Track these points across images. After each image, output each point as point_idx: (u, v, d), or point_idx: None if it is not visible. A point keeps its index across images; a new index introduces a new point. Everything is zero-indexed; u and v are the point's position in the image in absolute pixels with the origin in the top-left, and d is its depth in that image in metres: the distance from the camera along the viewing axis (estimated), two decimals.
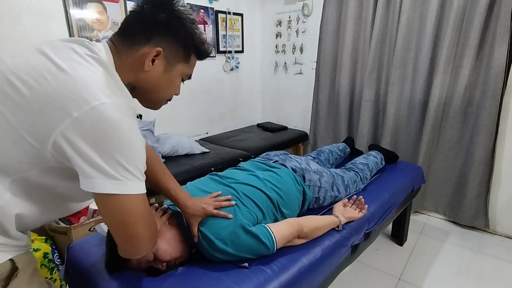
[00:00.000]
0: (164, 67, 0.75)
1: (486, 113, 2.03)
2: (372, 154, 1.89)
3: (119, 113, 0.61)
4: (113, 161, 0.60)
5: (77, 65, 0.62)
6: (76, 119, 0.58)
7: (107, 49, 0.71)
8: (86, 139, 0.59)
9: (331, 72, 2.77)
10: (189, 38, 0.76)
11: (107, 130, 0.59)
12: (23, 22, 1.82)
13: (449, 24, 2.05)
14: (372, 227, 1.41)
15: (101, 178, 0.60)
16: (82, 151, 0.59)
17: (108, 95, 0.61)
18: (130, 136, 0.63)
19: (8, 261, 0.67)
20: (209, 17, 2.83)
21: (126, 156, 0.62)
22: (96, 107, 0.59)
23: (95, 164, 0.60)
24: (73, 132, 0.58)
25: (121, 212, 0.64)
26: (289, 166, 1.41)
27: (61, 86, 0.59)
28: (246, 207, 1.11)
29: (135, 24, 0.72)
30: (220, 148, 2.60)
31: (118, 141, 0.61)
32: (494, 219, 2.19)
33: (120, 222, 0.65)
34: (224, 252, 0.99)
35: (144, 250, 0.71)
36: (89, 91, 0.60)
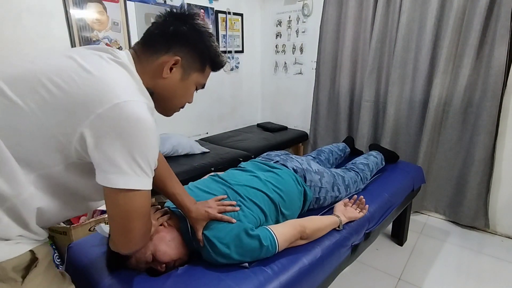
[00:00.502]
0: (181, 75, 0.81)
1: (486, 113, 2.03)
2: (373, 154, 1.89)
3: (139, 111, 0.66)
4: (128, 157, 0.64)
5: (102, 68, 0.68)
6: (100, 115, 0.62)
7: (129, 55, 0.77)
8: (106, 134, 0.63)
9: (331, 72, 2.77)
10: (206, 50, 0.82)
11: (126, 127, 0.64)
12: (23, 22, 1.82)
13: (449, 24, 2.05)
14: (372, 227, 1.41)
15: (114, 173, 0.64)
16: (101, 146, 0.63)
17: (129, 94, 0.66)
18: (148, 134, 0.67)
19: (28, 252, 0.71)
20: (209, 17, 2.83)
21: (141, 152, 0.66)
22: (118, 104, 0.63)
23: (111, 159, 0.64)
24: (96, 127, 0.63)
25: (126, 205, 0.67)
26: (290, 167, 1.41)
27: (87, 86, 0.64)
28: (249, 209, 1.11)
29: (157, 34, 0.78)
30: (220, 148, 2.60)
31: (135, 138, 0.65)
32: (494, 219, 2.19)
33: (123, 215, 0.69)
34: (227, 257, 0.99)
35: (136, 245, 0.75)
36: (112, 90, 0.65)
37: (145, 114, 0.67)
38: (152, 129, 0.68)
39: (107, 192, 0.67)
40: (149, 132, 0.67)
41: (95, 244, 1.15)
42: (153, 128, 0.68)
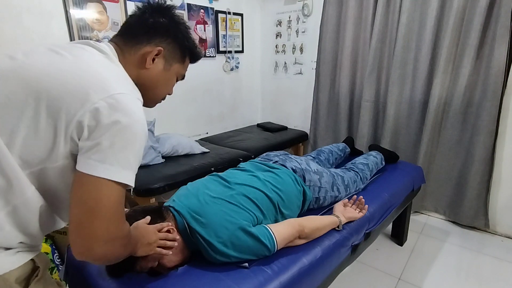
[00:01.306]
0: (163, 66, 0.83)
1: (486, 113, 2.03)
2: (372, 154, 1.89)
3: (134, 105, 0.67)
4: (118, 149, 0.64)
5: (91, 60, 0.70)
6: (96, 104, 0.63)
7: (111, 47, 0.77)
8: (101, 124, 0.62)
9: (331, 72, 2.77)
10: (185, 42, 0.85)
11: (121, 119, 0.64)
12: (23, 22, 1.82)
13: (449, 24, 2.05)
14: (372, 227, 1.41)
15: (98, 161, 0.62)
16: (94, 134, 0.63)
17: (123, 87, 0.68)
18: (140, 129, 0.67)
19: (29, 261, 0.69)
20: (209, 17, 2.83)
21: (132, 146, 0.66)
22: (114, 96, 0.64)
23: (100, 148, 0.62)
24: (92, 116, 0.62)
25: (98, 197, 0.63)
26: (289, 167, 1.41)
27: (81, 76, 0.65)
28: (247, 208, 1.11)
29: (137, 26, 0.80)
30: (220, 148, 2.60)
31: (128, 131, 0.65)
32: (494, 219, 2.19)
33: (90, 207, 0.62)
34: (226, 255, 0.99)
35: (93, 251, 0.64)
36: (107, 81, 0.66)
37: (138, 108, 0.68)
38: (144, 125, 0.69)
39: (80, 179, 0.63)
40: (141, 128, 0.67)
41: None
42: (145, 124, 0.69)
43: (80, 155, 0.64)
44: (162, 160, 2.21)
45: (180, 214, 1.05)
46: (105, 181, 0.62)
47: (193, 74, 2.81)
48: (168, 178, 1.97)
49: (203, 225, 1.02)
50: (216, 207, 1.07)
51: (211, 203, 1.09)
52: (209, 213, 1.04)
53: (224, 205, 1.08)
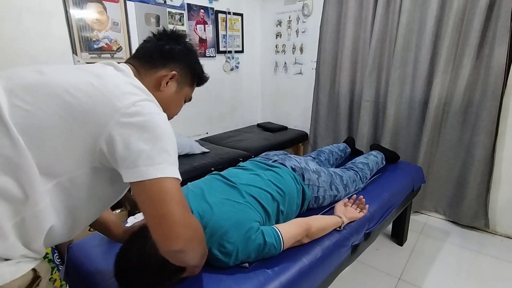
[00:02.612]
0: (175, 89, 0.89)
1: (486, 113, 2.03)
2: (373, 154, 1.89)
3: (155, 106, 0.74)
4: (158, 149, 0.67)
5: (112, 74, 0.76)
6: (124, 114, 0.66)
7: (128, 68, 0.82)
8: (134, 131, 0.66)
9: (331, 72, 2.77)
10: (197, 67, 0.93)
11: (151, 121, 0.69)
12: (23, 22, 1.82)
13: (449, 24, 2.05)
14: (372, 227, 1.41)
15: (148, 165, 0.66)
16: (130, 142, 0.66)
17: (143, 93, 0.74)
18: (168, 126, 0.72)
19: (31, 270, 0.69)
20: (209, 17, 2.83)
21: (168, 143, 0.70)
22: (138, 102, 0.69)
23: (142, 152, 0.66)
24: (123, 125, 0.66)
25: (163, 194, 0.67)
26: (289, 166, 1.41)
27: (105, 88, 0.69)
28: (254, 209, 1.11)
29: (153, 51, 0.86)
30: (220, 148, 2.60)
31: (160, 130, 0.69)
32: (494, 219, 2.19)
33: (161, 206, 0.66)
34: (235, 255, 0.99)
35: (180, 238, 0.67)
36: (127, 89, 0.72)
37: (160, 109, 0.75)
38: (168, 122, 0.74)
39: (140, 188, 0.66)
40: (168, 125, 0.73)
41: (95, 244, 1.15)
42: (168, 122, 0.74)
43: (124, 168, 0.66)
44: None
45: None
46: (160, 180, 0.66)
47: None
48: None
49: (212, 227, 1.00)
50: (224, 208, 1.07)
51: (220, 205, 1.08)
52: (219, 215, 1.04)
53: (233, 206, 1.08)
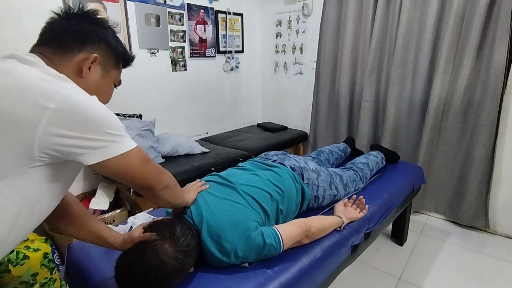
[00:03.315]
0: (100, 73, 0.79)
1: (486, 113, 2.03)
2: (373, 154, 1.89)
3: (82, 93, 0.67)
4: (104, 133, 0.67)
5: (20, 69, 0.65)
6: (55, 110, 0.60)
7: (37, 58, 0.71)
8: (73, 126, 0.63)
9: (331, 72, 2.77)
10: (118, 46, 0.83)
11: (85, 111, 0.64)
12: (23, 22, 1.82)
13: (449, 24, 2.05)
14: (372, 227, 1.41)
15: (103, 147, 0.67)
16: (75, 136, 0.63)
17: (62, 81, 0.66)
18: (101, 108, 0.68)
19: None
20: (209, 17, 2.83)
21: (109, 125, 0.68)
22: (66, 94, 0.63)
23: (93, 140, 0.65)
24: (58, 126, 0.61)
25: (133, 163, 0.74)
26: (288, 165, 1.41)
27: (24, 87, 0.61)
28: (253, 209, 1.11)
29: (62, 33, 0.74)
30: (220, 148, 2.60)
31: (97, 117, 0.66)
32: (494, 219, 2.19)
33: (136, 172, 0.75)
34: (234, 255, 0.99)
35: (160, 179, 0.84)
36: (49, 83, 0.63)
37: (87, 94, 0.68)
38: (100, 103, 0.69)
39: (108, 165, 0.69)
40: (101, 106, 0.69)
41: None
42: (100, 102, 0.70)
43: (81, 154, 0.66)
44: (162, 160, 2.21)
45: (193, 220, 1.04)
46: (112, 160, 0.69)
47: (193, 74, 2.82)
48: None
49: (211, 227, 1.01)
50: (223, 207, 1.07)
51: (218, 204, 1.08)
52: (217, 214, 1.04)
53: (231, 205, 1.08)
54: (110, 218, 1.93)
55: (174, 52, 2.62)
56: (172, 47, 2.60)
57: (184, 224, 0.99)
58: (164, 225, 0.96)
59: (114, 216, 1.95)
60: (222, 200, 1.11)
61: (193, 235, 0.97)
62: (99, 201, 2.02)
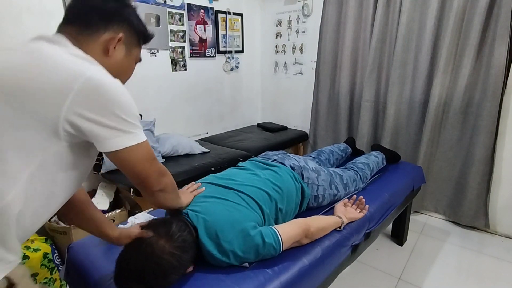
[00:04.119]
0: (124, 52, 0.81)
1: (486, 113, 2.03)
2: (373, 154, 1.89)
3: (107, 76, 0.68)
4: (120, 119, 0.68)
5: (48, 50, 0.67)
6: (78, 91, 0.63)
7: (64, 38, 0.72)
8: (93, 108, 0.65)
9: (331, 72, 2.77)
10: (140, 25, 0.84)
11: (107, 94, 0.66)
12: (23, 22, 1.82)
13: (449, 24, 2.05)
14: (372, 227, 1.41)
15: (116, 136, 0.68)
16: (94, 120, 0.65)
17: (88, 63, 0.68)
18: (124, 92, 0.70)
19: (3, 279, 0.69)
20: (209, 17, 2.83)
21: (127, 112, 0.70)
22: (90, 76, 0.64)
23: (108, 126, 0.67)
24: (80, 106, 0.64)
25: (138, 158, 0.74)
26: (288, 164, 1.41)
27: (51, 67, 0.64)
28: (251, 208, 1.11)
29: (88, 12, 0.75)
30: (220, 148, 2.60)
31: (118, 101, 0.68)
32: (494, 219, 2.19)
33: (138, 167, 0.76)
34: (233, 255, 0.98)
35: (156, 183, 0.83)
36: (76, 65, 0.66)
37: (111, 77, 0.69)
38: (123, 87, 0.71)
39: (116, 155, 0.71)
40: (124, 91, 0.70)
41: (95, 244, 1.15)
42: (123, 87, 0.71)
43: (96, 139, 0.68)
44: (162, 160, 2.21)
45: (190, 219, 1.03)
46: (121, 151, 0.70)
47: (193, 74, 2.82)
48: None
49: (209, 227, 1.01)
50: (221, 207, 1.07)
51: (216, 204, 1.08)
52: (215, 214, 1.04)
53: (229, 205, 1.08)
54: (110, 218, 1.93)
55: (174, 52, 2.62)
56: (172, 47, 2.60)
57: (180, 221, 0.99)
58: (160, 222, 0.98)
59: (114, 216, 1.95)
60: (220, 200, 1.11)
61: (189, 232, 0.98)
62: (99, 201, 2.02)
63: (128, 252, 0.89)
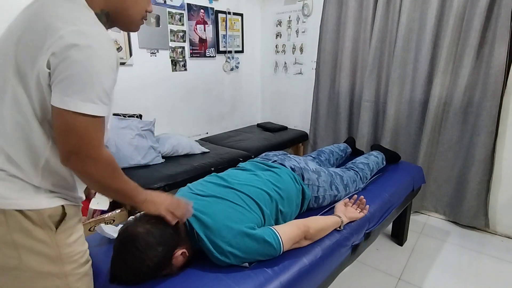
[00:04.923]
0: None
1: (486, 113, 2.03)
2: (373, 154, 1.89)
3: (93, 39, 0.70)
4: (85, 84, 0.69)
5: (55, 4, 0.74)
6: (61, 37, 0.68)
7: None
8: (67, 57, 0.68)
9: (331, 72, 2.77)
10: None
11: (82, 53, 0.68)
12: None
13: (449, 24, 2.05)
14: (372, 227, 1.41)
15: (71, 95, 0.69)
16: (62, 67, 0.68)
17: (83, 23, 0.71)
18: (100, 60, 0.71)
19: (60, 206, 0.80)
20: (209, 17, 2.83)
21: (97, 80, 0.71)
22: (76, 30, 0.69)
23: (70, 82, 0.69)
24: (58, 49, 0.68)
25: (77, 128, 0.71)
26: (288, 166, 1.41)
27: (45, 15, 0.71)
28: (251, 209, 1.11)
29: None
30: (220, 148, 2.60)
31: (91, 65, 0.69)
32: (494, 219, 2.19)
33: (79, 137, 0.72)
34: (231, 255, 0.98)
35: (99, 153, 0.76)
36: (69, 18, 0.71)
37: (98, 42, 0.71)
38: (104, 56, 0.72)
39: (58, 113, 0.70)
40: (101, 59, 0.71)
41: (95, 244, 1.15)
42: (106, 56, 0.72)
43: (54, 87, 0.70)
44: (162, 160, 2.21)
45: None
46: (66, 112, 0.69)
47: (193, 74, 2.82)
48: (168, 178, 1.97)
49: (207, 226, 1.01)
50: (220, 207, 1.07)
51: (215, 203, 1.08)
52: (214, 213, 1.04)
53: (228, 205, 1.08)
54: (110, 218, 1.93)
55: (174, 52, 2.62)
56: (172, 47, 2.60)
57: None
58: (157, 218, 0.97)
59: (114, 216, 1.95)
60: (219, 200, 1.11)
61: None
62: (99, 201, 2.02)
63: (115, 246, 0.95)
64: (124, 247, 0.91)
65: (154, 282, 0.95)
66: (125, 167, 2.02)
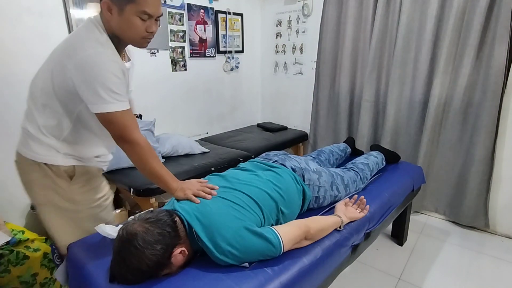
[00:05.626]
0: (117, 12, 0.98)
1: (486, 113, 2.03)
2: (373, 154, 1.89)
3: (96, 57, 0.96)
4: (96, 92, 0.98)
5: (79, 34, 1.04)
6: (74, 64, 0.97)
7: (98, 21, 1.03)
8: (81, 77, 0.97)
9: (331, 72, 2.77)
10: None
11: (89, 70, 0.96)
12: (23, 22, 1.82)
13: (449, 24, 2.05)
14: (372, 227, 1.41)
15: (97, 103, 0.99)
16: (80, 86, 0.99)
17: (92, 46, 0.97)
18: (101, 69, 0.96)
19: (72, 166, 1.15)
20: (209, 17, 2.83)
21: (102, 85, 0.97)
22: (84, 55, 0.96)
23: (91, 95, 0.99)
24: (75, 73, 0.98)
25: (113, 121, 1.03)
26: (289, 166, 1.41)
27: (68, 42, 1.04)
28: (250, 209, 1.10)
29: None
30: (220, 148, 2.60)
31: (95, 77, 0.96)
32: (494, 219, 2.20)
33: (117, 128, 1.04)
34: (231, 254, 0.98)
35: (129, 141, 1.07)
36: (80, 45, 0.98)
37: (100, 58, 0.96)
38: (104, 66, 0.96)
39: (97, 114, 1.02)
40: (102, 69, 0.96)
41: (95, 244, 1.15)
42: (106, 66, 0.97)
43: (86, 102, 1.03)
44: (162, 160, 2.21)
45: (185, 217, 1.04)
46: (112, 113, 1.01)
47: (193, 74, 2.82)
48: None
49: (206, 225, 1.01)
50: (220, 207, 1.07)
51: (215, 203, 1.08)
52: (213, 213, 1.04)
53: (228, 205, 1.08)
54: None
55: (174, 52, 2.62)
56: (172, 47, 2.60)
57: (164, 211, 1.02)
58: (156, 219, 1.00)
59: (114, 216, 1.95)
60: (219, 199, 1.10)
61: (167, 215, 0.99)
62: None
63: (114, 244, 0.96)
64: (123, 246, 0.91)
65: (154, 282, 0.95)
66: (126, 167, 2.02)
